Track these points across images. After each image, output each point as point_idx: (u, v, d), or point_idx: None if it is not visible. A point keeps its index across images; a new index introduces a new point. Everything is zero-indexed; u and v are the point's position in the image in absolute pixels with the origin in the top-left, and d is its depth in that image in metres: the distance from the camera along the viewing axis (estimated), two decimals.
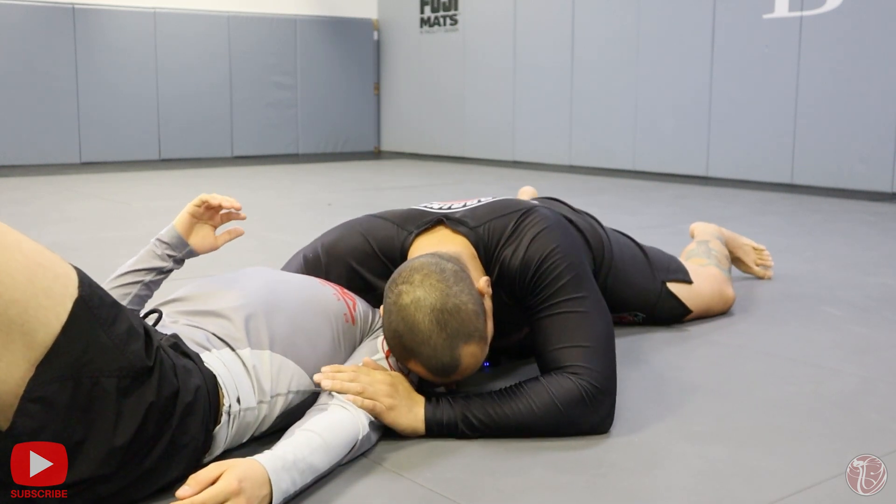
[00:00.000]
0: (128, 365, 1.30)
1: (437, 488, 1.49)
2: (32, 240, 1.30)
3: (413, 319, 1.60)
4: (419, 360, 1.63)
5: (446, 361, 1.62)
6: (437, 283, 1.63)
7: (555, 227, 1.86)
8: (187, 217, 1.88)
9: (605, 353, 1.74)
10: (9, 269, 1.22)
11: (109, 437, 1.29)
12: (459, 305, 1.62)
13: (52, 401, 1.24)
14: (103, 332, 1.29)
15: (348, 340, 1.79)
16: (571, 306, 1.76)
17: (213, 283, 1.75)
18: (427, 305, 1.60)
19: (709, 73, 6.99)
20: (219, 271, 1.90)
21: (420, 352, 1.61)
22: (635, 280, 2.42)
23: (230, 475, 1.31)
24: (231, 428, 1.52)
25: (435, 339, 1.60)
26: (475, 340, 1.64)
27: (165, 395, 1.35)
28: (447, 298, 1.61)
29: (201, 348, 1.54)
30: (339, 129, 9.86)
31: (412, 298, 1.61)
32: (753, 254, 3.19)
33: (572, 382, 1.69)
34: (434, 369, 1.63)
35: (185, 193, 6.29)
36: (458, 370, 1.64)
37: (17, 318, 1.22)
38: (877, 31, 6.01)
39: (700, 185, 6.65)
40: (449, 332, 1.60)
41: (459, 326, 1.61)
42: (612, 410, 1.74)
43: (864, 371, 2.16)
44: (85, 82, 8.28)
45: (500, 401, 1.70)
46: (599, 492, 1.49)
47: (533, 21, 8.40)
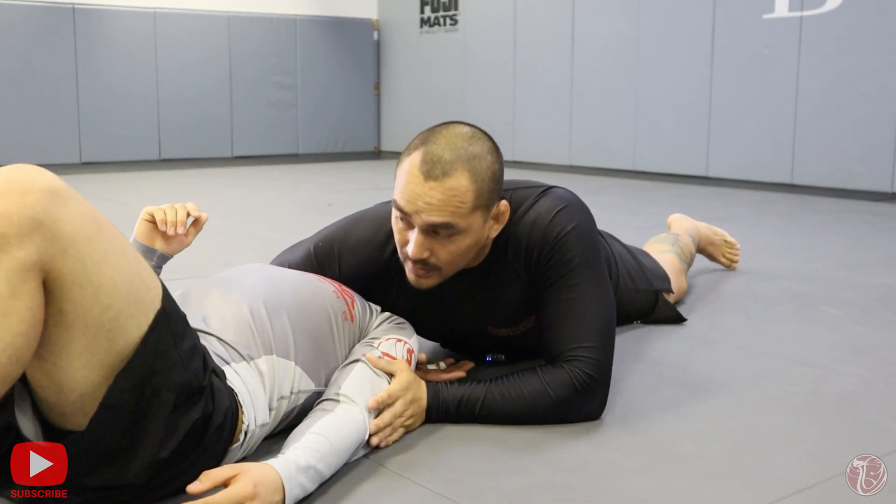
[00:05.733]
0: (187, 382, 1.32)
1: (437, 488, 1.49)
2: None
3: (456, 123, 1.72)
4: (425, 148, 1.65)
5: (445, 158, 1.63)
6: (488, 140, 1.72)
7: (575, 206, 1.84)
8: (144, 224, 1.76)
9: (603, 341, 1.75)
10: (114, 276, 1.24)
11: (156, 448, 1.30)
12: (493, 159, 1.69)
13: (121, 408, 1.26)
14: (174, 346, 1.31)
15: (347, 338, 1.77)
16: (579, 291, 1.75)
17: (210, 284, 1.73)
18: (472, 129, 1.71)
19: (709, 73, 6.99)
20: (220, 272, 1.89)
21: (436, 141, 1.66)
22: (634, 292, 2.45)
23: (246, 479, 1.31)
24: (245, 446, 1.52)
25: (457, 141, 1.66)
26: (476, 184, 1.65)
27: (206, 415, 1.36)
28: (486, 145, 1.70)
29: (222, 362, 1.53)
30: (339, 129, 9.85)
31: (463, 123, 1.73)
32: (724, 247, 3.29)
33: (566, 371, 1.71)
34: (427, 158, 1.64)
35: (186, 193, 6.29)
36: (442, 178, 1.62)
37: (108, 324, 1.23)
38: (877, 31, 6.01)
39: (700, 185, 6.65)
40: (470, 149, 1.66)
41: (480, 157, 1.66)
42: (604, 399, 1.77)
43: (864, 371, 2.16)
44: (85, 82, 8.28)
45: (495, 386, 1.73)
46: (599, 492, 1.49)
47: (533, 21, 8.40)
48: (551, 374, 1.73)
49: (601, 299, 1.78)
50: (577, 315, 1.75)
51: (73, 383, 1.24)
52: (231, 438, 1.46)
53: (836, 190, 6.19)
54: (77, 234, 1.21)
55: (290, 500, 1.36)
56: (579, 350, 1.73)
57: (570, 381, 1.71)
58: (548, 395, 1.71)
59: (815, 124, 6.38)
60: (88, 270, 1.21)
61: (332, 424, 1.51)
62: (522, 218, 1.80)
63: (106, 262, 1.23)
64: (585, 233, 1.80)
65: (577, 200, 1.87)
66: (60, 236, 1.19)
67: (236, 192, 6.31)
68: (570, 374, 1.72)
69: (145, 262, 1.33)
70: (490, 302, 1.92)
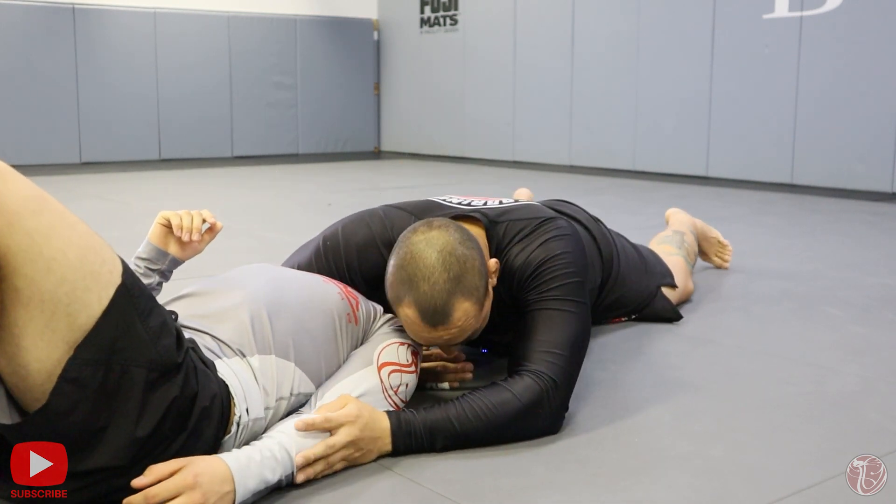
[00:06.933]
0: (158, 358, 1.32)
1: (437, 488, 1.49)
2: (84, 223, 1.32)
3: (421, 253, 1.65)
4: (413, 299, 1.63)
5: (439, 305, 1.62)
6: (454, 234, 1.69)
7: (569, 237, 1.89)
8: (159, 228, 1.80)
9: (569, 354, 1.72)
10: (64, 247, 1.24)
11: (132, 427, 1.30)
12: (468, 258, 1.67)
13: (85, 383, 1.26)
14: (139, 322, 1.31)
15: (350, 340, 1.77)
16: (559, 305, 1.77)
17: (216, 282, 1.74)
18: (438, 244, 1.66)
19: (709, 73, 6.99)
20: (220, 272, 1.89)
21: (418, 287, 1.62)
22: (635, 285, 2.51)
23: (187, 470, 1.33)
24: (239, 437, 1.52)
25: (436, 277, 1.62)
26: (473, 299, 1.66)
27: (186, 396, 1.36)
28: (458, 247, 1.66)
29: (214, 356, 1.53)
30: (339, 129, 9.86)
31: (426, 237, 1.67)
32: (717, 246, 3.33)
33: (528, 377, 1.68)
34: (424, 311, 1.63)
35: (186, 193, 6.29)
36: (447, 321, 1.64)
37: (65, 298, 1.24)
38: (877, 31, 6.01)
39: (700, 185, 6.65)
40: (451, 276, 1.63)
41: (462, 274, 1.64)
42: (562, 413, 1.73)
43: (864, 371, 2.16)
44: (85, 82, 8.28)
45: (459, 404, 1.65)
46: (599, 492, 1.49)
47: (533, 21, 8.40)
48: (515, 383, 1.68)
49: (578, 318, 1.78)
50: (548, 328, 1.75)
51: (38, 363, 1.24)
52: (224, 429, 1.47)
53: (836, 190, 6.19)
54: (21, 209, 1.22)
55: (243, 492, 1.37)
56: (545, 355, 1.71)
57: (534, 383, 1.67)
58: (515, 401, 1.65)
59: (815, 124, 6.38)
60: (38, 243, 1.22)
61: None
62: (512, 248, 1.87)
63: (54, 235, 1.24)
64: (572, 260, 1.84)
65: (572, 231, 1.93)
66: (5, 211, 1.20)
67: (236, 192, 6.31)
68: (533, 378, 1.68)
69: (98, 237, 1.33)
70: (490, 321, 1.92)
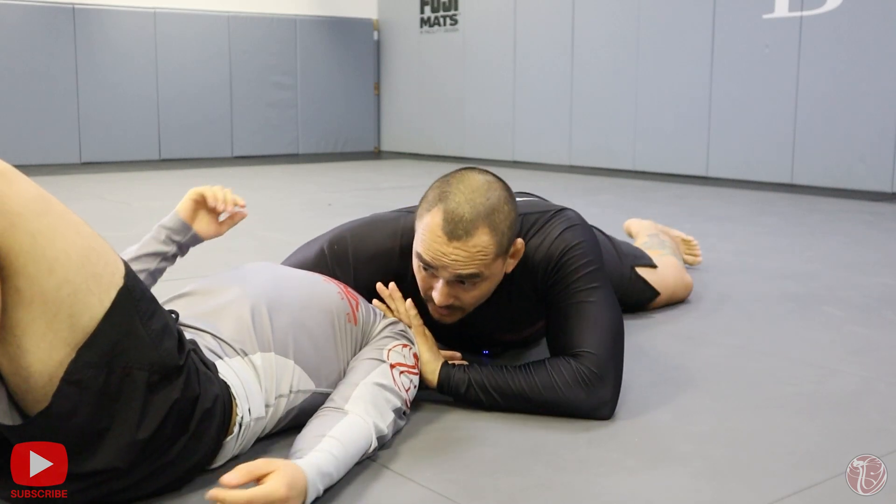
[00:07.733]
0: (159, 361, 1.31)
1: (437, 488, 1.49)
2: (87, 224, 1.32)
3: (470, 176, 1.75)
4: (444, 206, 1.70)
5: (467, 218, 1.68)
6: (505, 189, 1.77)
7: (581, 226, 1.94)
8: (190, 203, 1.86)
9: (610, 341, 1.80)
10: (67, 249, 1.25)
11: (133, 429, 1.30)
12: (507, 210, 1.74)
13: (87, 385, 1.25)
14: (141, 324, 1.30)
15: (349, 340, 1.77)
16: (586, 296, 1.83)
17: (216, 280, 1.74)
18: (489, 179, 1.76)
19: (709, 73, 6.98)
20: (220, 270, 1.89)
21: (455, 197, 1.70)
22: (614, 273, 2.48)
23: (280, 479, 1.31)
24: (240, 438, 1.52)
25: (475, 196, 1.70)
26: (495, 240, 1.71)
27: (188, 398, 1.36)
28: (504, 194, 1.75)
29: (215, 356, 1.53)
30: (339, 129, 9.85)
31: (481, 172, 1.78)
32: (683, 245, 3.34)
33: (571, 366, 1.77)
34: (450, 218, 1.69)
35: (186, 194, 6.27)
36: (465, 238, 1.69)
37: (67, 300, 1.23)
38: (877, 31, 6.01)
39: (700, 185, 6.65)
40: (488, 204, 1.70)
41: (496, 211, 1.71)
42: (611, 397, 1.79)
43: (864, 371, 2.16)
44: (85, 82, 8.28)
45: (506, 372, 1.81)
46: (599, 491, 1.49)
47: (533, 21, 8.40)
48: (557, 365, 1.79)
49: (607, 304, 1.84)
50: (586, 320, 1.81)
51: (40, 365, 1.23)
52: (225, 430, 1.46)
53: (836, 190, 6.19)
54: (25, 209, 1.22)
55: (307, 503, 1.37)
56: (586, 349, 1.79)
57: (574, 372, 1.77)
58: (554, 380, 1.77)
59: (815, 124, 6.38)
60: (40, 244, 1.22)
61: (347, 430, 1.51)
62: (530, 241, 1.89)
63: (57, 236, 1.24)
64: (590, 248, 1.89)
65: (581, 220, 1.97)
66: (8, 212, 1.20)
67: (236, 192, 6.29)
68: (575, 369, 1.77)
69: (101, 238, 1.32)
70: (498, 317, 2.01)
